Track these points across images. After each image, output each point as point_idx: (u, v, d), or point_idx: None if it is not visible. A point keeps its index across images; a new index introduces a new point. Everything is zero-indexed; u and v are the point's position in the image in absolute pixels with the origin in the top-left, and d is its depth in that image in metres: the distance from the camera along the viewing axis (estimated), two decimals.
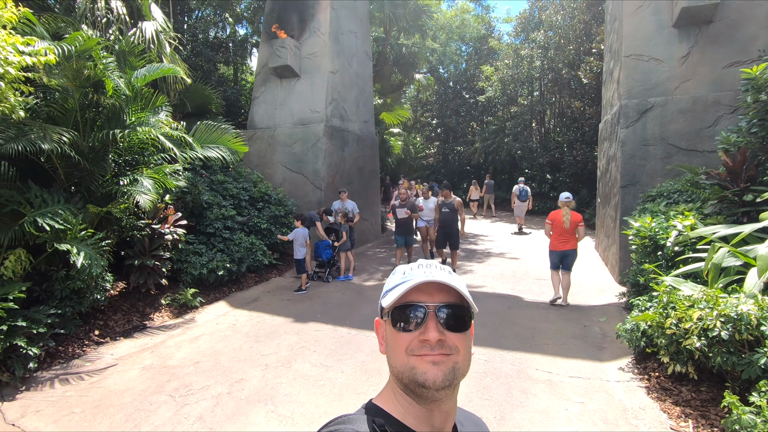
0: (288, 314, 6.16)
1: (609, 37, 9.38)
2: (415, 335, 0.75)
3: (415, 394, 0.75)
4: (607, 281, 7.61)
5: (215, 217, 7.49)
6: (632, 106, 7.37)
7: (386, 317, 0.81)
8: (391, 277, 0.84)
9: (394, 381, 0.80)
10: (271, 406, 3.74)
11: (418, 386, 0.74)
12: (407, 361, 0.75)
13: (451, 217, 8.16)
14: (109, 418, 3.60)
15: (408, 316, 0.76)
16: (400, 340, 0.77)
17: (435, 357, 0.74)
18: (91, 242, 4.82)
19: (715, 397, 3.47)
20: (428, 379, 0.73)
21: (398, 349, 0.77)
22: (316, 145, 9.69)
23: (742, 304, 3.26)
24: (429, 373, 0.73)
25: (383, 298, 0.82)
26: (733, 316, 3.21)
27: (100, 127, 5.51)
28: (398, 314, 0.77)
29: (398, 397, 0.79)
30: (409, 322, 0.76)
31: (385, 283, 0.85)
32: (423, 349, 0.74)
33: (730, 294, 3.55)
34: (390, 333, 0.80)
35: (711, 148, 6.52)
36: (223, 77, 14.52)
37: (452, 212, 8.16)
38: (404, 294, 0.77)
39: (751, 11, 6.76)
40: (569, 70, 17.46)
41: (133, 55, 6.10)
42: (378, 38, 17.75)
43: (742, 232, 4.08)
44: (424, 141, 26.09)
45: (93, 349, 4.98)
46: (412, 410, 0.77)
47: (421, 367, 0.74)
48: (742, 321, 3.16)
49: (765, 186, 4.66)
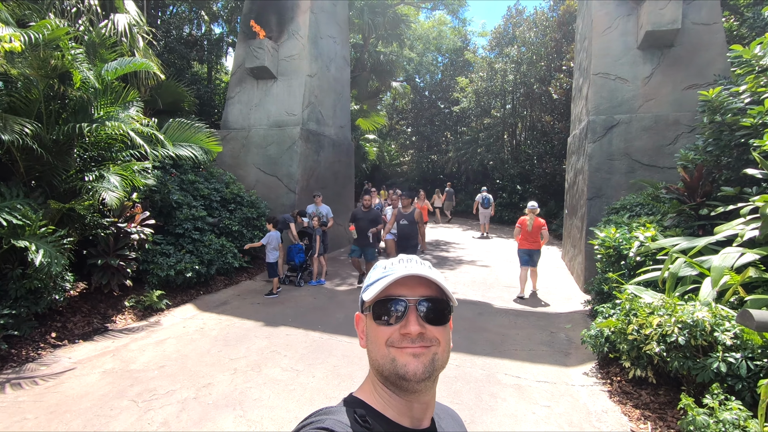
0: (258, 318, 6.05)
1: (579, 55, 9.78)
2: (395, 328, 0.77)
3: (396, 385, 0.77)
4: (573, 290, 7.87)
5: (185, 217, 7.29)
6: (599, 122, 7.70)
7: (367, 311, 0.81)
8: (372, 271, 0.86)
9: (374, 374, 0.81)
10: (240, 411, 3.65)
11: (399, 378, 0.75)
12: (388, 354, 0.76)
13: (410, 231, 7.18)
14: (66, 424, 3.42)
15: (389, 310, 0.77)
16: (381, 333, 0.78)
17: (415, 349, 0.75)
18: (52, 239, 4.60)
19: (672, 400, 3.64)
20: (409, 371, 0.74)
21: (379, 342, 0.78)
22: (291, 148, 9.60)
23: (698, 311, 3.44)
24: (410, 365, 0.74)
25: (364, 292, 0.83)
26: (689, 322, 3.39)
27: (65, 120, 5.28)
28: (379, 308, 0.79)
29: (378, 389, 0.80)
30: (390, 316, 0.77)
31: (361, 287, 0.85)
32: (404, 341, 0.76)
33: (686, 302, 3.75)
34: (371, 327, 0.81)
35: (671, 165, 6.89)
36: (197, 75, 14.20)
37: (411, 225, 7.19)
38: (385, 288, 0.78)
39: (709, 38, 7.23)
40: (540, 86, 18.07)
41: (104, 47, 5.89)
42: (356, 44, 17.85)
43: (697, 245, 4.32)
44: (399, 148, 26.32)
45: (49, 352, 4.72)
46: (392, 402, 0.79)
47: (402, 359, 0.75)
48: (698, 327, 3.34)
49: (719, 201, 4.96)
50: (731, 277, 3.67)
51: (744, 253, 3.80)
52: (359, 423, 0.74)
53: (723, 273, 3.67)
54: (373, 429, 0.75)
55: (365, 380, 0.85)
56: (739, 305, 3.66)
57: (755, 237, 3.96)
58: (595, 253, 5.87)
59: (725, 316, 3.42)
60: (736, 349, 3.22)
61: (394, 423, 0.78)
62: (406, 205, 7.27)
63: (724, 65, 7.05)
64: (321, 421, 0.74)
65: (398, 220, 7.24)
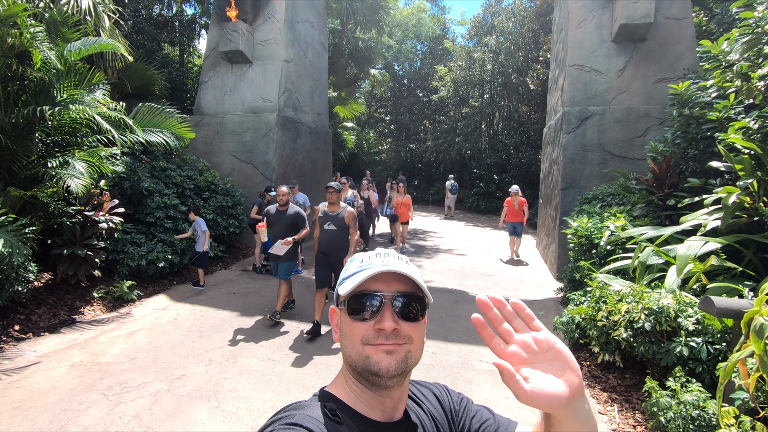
0: (234, 308, 5.96)
1: (555, 46, 9.89)
2: (370, 324, 0.76)
3: (368, 381, 0.76)
4: (547, 278, 8.07)
5: (156, 205, 7.07)
6: (574, 113, 7.83)
7: (342, 305, 0.80)
8: (349, 264, 0.84)
9: (346, 368, 0.81)
10: (215, 402, 3.61)
11: (372, 374, 0.75)
12: (362, 351, 0.76)
13: (338, 239, 5.02)
14: (31, 419, 3.31)
15: (364, 305, 0.76)
16: (356, 329, 0.77)
17: (389, 347, 0.75)
18: (12, 228, 4.38)
19: (637, 383, 3.80)
20: (381, 369, 0.74)
21: (354, 338, 0.77)
22: (267, 135, 9.41)
23: (663, 298, 3.58)
24: (383, 362, 0.74)
25: (340, 285, 0.81)
26: (655, 309, 3.52)
27: (25, 102, 5.01)
28: (354, 303, 0.77)
29: (350, 384, 0.80)
30: (365, 311, 0.76)
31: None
32: (378, 338, 0.75)
33: (653, 289, 3.90)
34: (345, 321, 0.80)
35: (641, 156, 7.09)
36: (168, 58, 13.65)
37: (341, 231, 5.02)
38: (361, 283, 0.77)
39: (680, 32, 7.42)
40: (518, 76, 18.23)
41: (67, 26, 5.59)
42: (334, 30, 17.52)
43: (664, 234, 4.48)
44: (377, 137, 26.18)
45: (12, 346, 4.54)
46: (363, 396, 0.79)
47: (375, 357, 0.74)
48: (663, 314, 3.47)
49: (686, 192, 5.14)
50: (695, 266, 3.82)
51: (707, 242, 3.96)
52: (329, 417, 0.74)
53: (687, 261, 3.82)
54: (343, 423, 0.74)
55: (338, 374, 0.85)
56: (701, 292, 3.82)
57: (717, 227, 4.13)
58: (568, 242, 6.02)
59: (689, 302, 3.57)
60: (698, 334, 3.37)
61: (364, 417, 0.78)
62: (333, 201, 5.02)
63: (693, 60, 7.26)
64: (291, 416, 0.74)
65: (323, 224, 5.04)
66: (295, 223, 5.41)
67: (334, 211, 5.03)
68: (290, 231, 5.37)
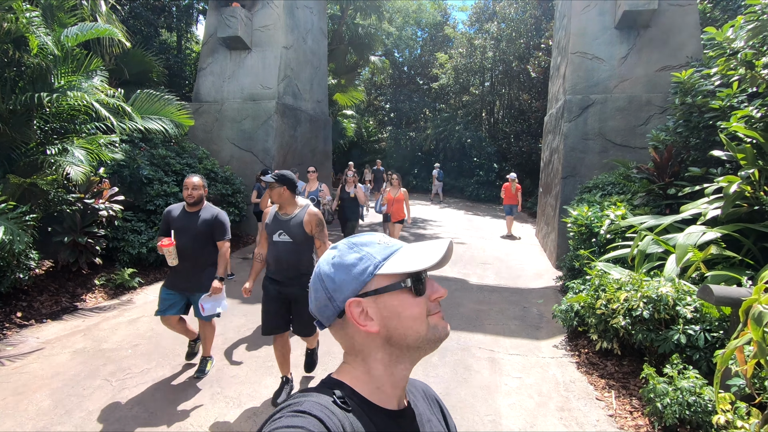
0: (235, 295, 5.99)
1: (557, 33, 9.78)
2: (426, 297, 0.79)
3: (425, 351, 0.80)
4: (546, 266, 8.10)
5: (156, 193, 7.05)
6: (576, 101, 7.78)
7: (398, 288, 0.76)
8: (366, 247, 0.79)
9: (388, 351, 0.78)
10: (218, 388, 3.65)
11: (437, 342, 0.79)
12: (428, 322, 0.78)
13: (295, 256, 3.31)
14: (35, 404, 3.35)
15: (423, 281, 0.79)
16: (420, 306, 0.77)
17: (441, 312, 0.81)
18: (13, 216, 4.38)
19: (635, 370, 3.84)
20: (446, 332, 0.80)
21: (421, 315, 0.77)
22: (267, 123, 9.35)
23: (662, 286, 3.61)
24: (446, 327, 0.80)
25: (379, 269, 0.76)
26: (654, 297, 3.55)
27: (22, 89, 4.96)
28: (418, 282, 0.78)
29: (378, 368, 0.78)
30: (425, 286, 0.79)
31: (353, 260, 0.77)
32: (437, 307, 0.80)
33: (652, 278, 3.92)
34: (405, 302, 0.76)
35: (642, 145, 7.07)
36: (165, 44, 13.51)
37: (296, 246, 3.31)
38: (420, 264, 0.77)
39: (682, 19, 7.33)
40: (519, 63, 18.07)
41: (63, 11, 5.51)
42: (334, 16, 17.29)
43: (664, 223, 4.49)
44: (377, 125, 26.04)
45: (15, 332, 4.57)
46: (391, 379, 0.79)
47: (440, 324, 0.79)
48: (661, 302, 3.50)
49: (686, 182, 5.14)
50: (694, 254, 3.84)
51: (706, 231, 3.98)
52: (338, 405, 0.74)
53: (687, 250, 3.84)
54: (352, 410, 0.75)
55: (347, 363, 0.82)
56: (700, 281, 3.85)
57: (717, 216, 4.14)
58: (568, 231, 6.03)
59: (687, 291, 3.59)
60: (696, 322, 3.40)
61: (374, 405, 0.77)
62: (284, 202, 3.33)
63: (696, 47, 7.19)
64: (299, 403, 0.74)
65: (271, 235, 3.33)
66: (210, 233, 3.65)
67: (286, 214, 3.32)
68: (202, 245, 3.62)
